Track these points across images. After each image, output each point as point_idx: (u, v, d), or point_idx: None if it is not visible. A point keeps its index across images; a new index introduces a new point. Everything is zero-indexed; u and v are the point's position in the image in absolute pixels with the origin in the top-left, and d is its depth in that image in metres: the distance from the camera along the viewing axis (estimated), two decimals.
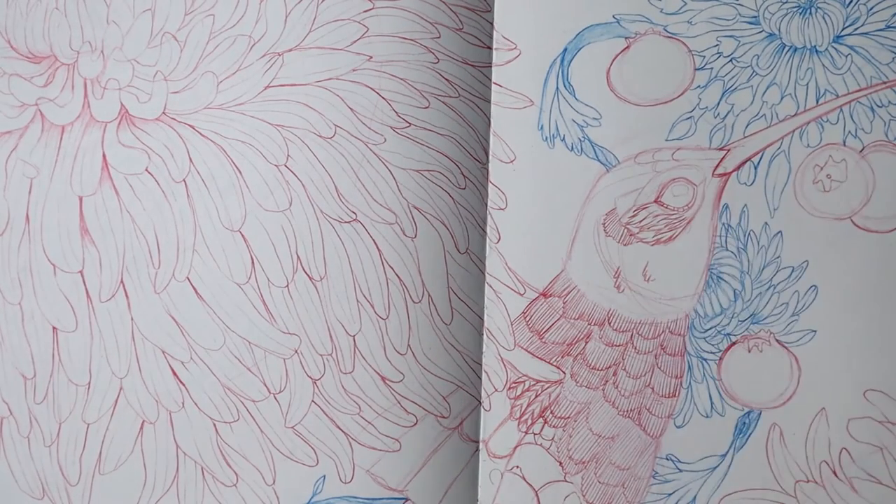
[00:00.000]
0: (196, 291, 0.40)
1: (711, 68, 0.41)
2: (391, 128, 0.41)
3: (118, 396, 0.40)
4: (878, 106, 0.40)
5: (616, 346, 0.41)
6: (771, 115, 0.41)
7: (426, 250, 0.41)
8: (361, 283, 0.40)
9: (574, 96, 0.41)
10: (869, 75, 0.40)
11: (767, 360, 0.40)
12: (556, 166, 0.41)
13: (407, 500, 0.40)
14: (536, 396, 0.41)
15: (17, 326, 0.40)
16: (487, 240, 0.41)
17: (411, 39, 0.41)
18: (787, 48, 0.41)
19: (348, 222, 0.40)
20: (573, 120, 0.41)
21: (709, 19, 0.41)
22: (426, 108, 0.41)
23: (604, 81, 0.41)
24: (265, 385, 0.40)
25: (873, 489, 0.39)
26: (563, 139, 0.41)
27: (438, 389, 0.41)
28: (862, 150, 0.40)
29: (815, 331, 0.40)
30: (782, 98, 0.41)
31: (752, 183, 0.41)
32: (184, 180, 0.40)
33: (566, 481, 0.41)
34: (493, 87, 0.42)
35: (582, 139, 0.41)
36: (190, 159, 0.40)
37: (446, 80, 0.41)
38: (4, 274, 0.40)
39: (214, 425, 0.40)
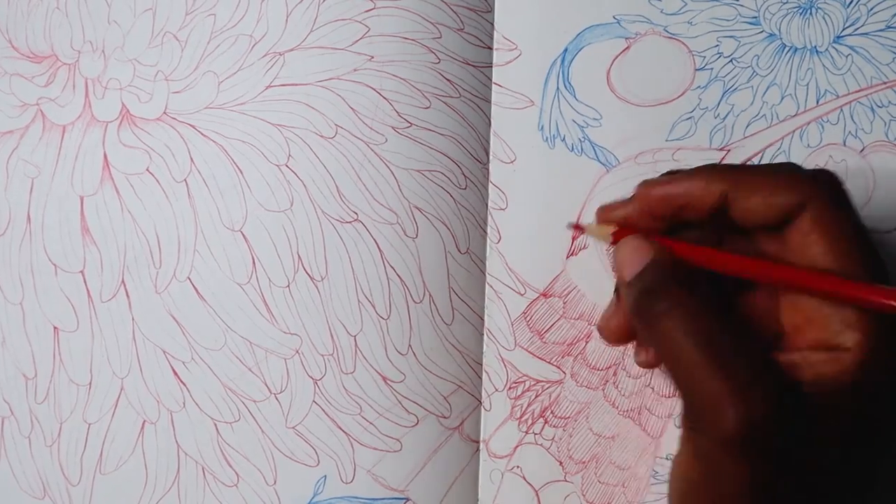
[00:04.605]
0: (197, 291, 0.40)
1: (712, 69, 0.41)
2: (392, 128, 0.41)
3: (119, 396, 0.40)
4: (879, 106, 0.40)
5: None
6: (771, 116, 0.41)
7: (427, 250, 0.41)
8: (362, 283, 0.40)
9: (574, 96, 0.41)
10: (869, 75, 0.41)
11: None
12: (557, 166, 0.41)
13: (408, 500, 0.40)
14: (537, 396, 0.41)
15: (18, 326, 0.40)
16: (488, 240, 0.41)
17: (412, 39, 0.41)
18: (787, 48, 0.41)
19: (349, 222, 0.40)
20: (573, 120, 0.41)
21: (709, 20, 0.41)
22: (427, 108, 0.41)
23: (604, 82, 0.41)
24: (266, 385, 0.40)
25: None
26: (564, 139, 0.41)
27: (439, 389, 0.41)
28: (862, 150, 0.41)
29: None
30: (782, 98, 0.41)
31: None
32: (185, 180, 0.40)
33: (566, 481, 0.41)
34: (494, 87, 0.42)
35: (582, 139, 0.41)
36: (191, 159, 0.40)
37: (447, 80, 0.41)
38: (5, 273, 0.40)
39: (215, 425, 0.40)
